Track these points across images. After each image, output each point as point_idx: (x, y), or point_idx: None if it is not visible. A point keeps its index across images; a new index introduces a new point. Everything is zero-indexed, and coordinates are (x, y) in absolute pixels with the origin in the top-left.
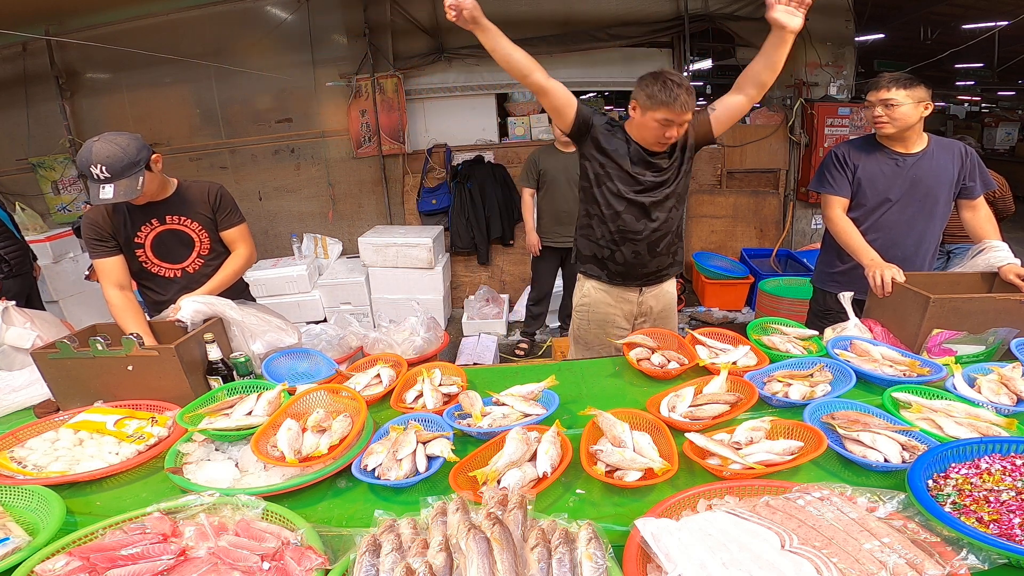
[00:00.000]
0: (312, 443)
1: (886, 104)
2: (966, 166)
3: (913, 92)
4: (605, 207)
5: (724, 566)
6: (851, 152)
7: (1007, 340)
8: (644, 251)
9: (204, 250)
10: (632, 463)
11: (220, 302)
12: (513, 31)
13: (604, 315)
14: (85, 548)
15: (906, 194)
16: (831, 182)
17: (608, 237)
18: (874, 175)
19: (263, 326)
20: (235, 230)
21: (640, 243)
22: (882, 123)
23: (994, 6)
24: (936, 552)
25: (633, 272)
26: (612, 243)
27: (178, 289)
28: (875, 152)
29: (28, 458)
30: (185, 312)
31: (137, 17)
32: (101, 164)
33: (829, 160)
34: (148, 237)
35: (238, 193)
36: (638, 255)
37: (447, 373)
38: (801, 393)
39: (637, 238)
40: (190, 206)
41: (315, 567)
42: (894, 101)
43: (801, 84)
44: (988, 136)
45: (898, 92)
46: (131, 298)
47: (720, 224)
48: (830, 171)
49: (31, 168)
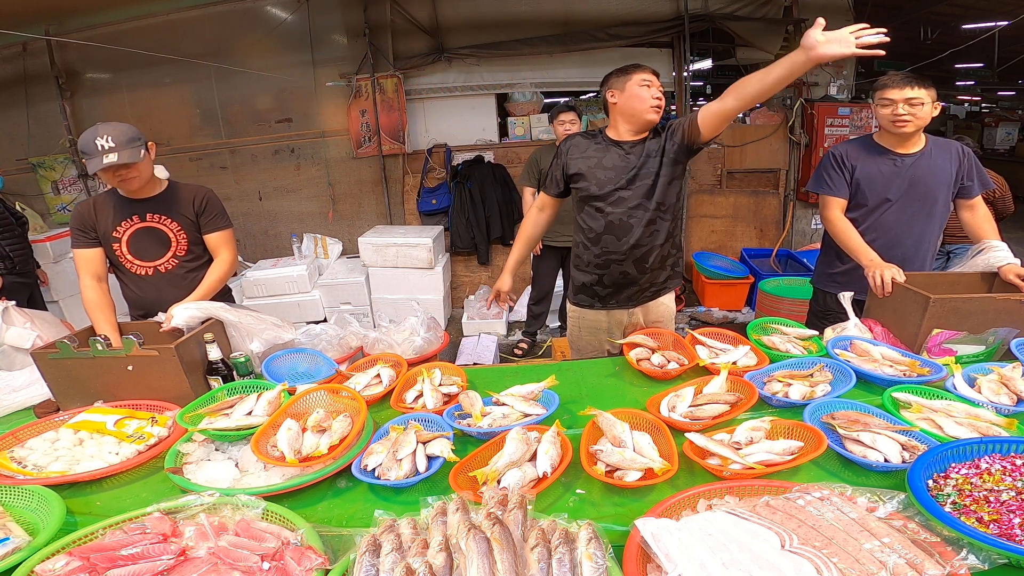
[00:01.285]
0: (312, 443)
1: (911, 103)
2: (964, 165)
3: (930, 91)
4: (587, 231)
5: (724, 566)
6: (849, 152)
7: (1007, 340)
8: (632, 269)
9: (181, 251)
10: (632, 463)
11: (213, 306)
12: (513, 31)
13: (594, 322)
14: (85, 548)
15: (905, 194)
16: (829, 183)
17: (593, 261)
18: (872, 175)
19: (259, 324)
20: (218, 235)
21: (625, 262)
22: (904, 121)
23: (994, 6)
24: (936, 552)
25: (622, 293)
26: (598, 267)
27: (150, 287)
28: (873, 152)
29: (28, 458)
30: (178, 320)
31: (137, 17)
32: (106, 135)
33: (827, 161)
34: (126, 233)
35: (238, 193)
36: (625, 275)
37: (447, 373)
38: (801, 393)
39: (620, 257)
40: (173, 206)
41: (315, 567)
42: (919, 99)
43: (801, 84)
44: (988, 136)
45: (920, 91)
46: (104, 292)
47: (720, 224)
48: (828, 172)
49: (31, 168)
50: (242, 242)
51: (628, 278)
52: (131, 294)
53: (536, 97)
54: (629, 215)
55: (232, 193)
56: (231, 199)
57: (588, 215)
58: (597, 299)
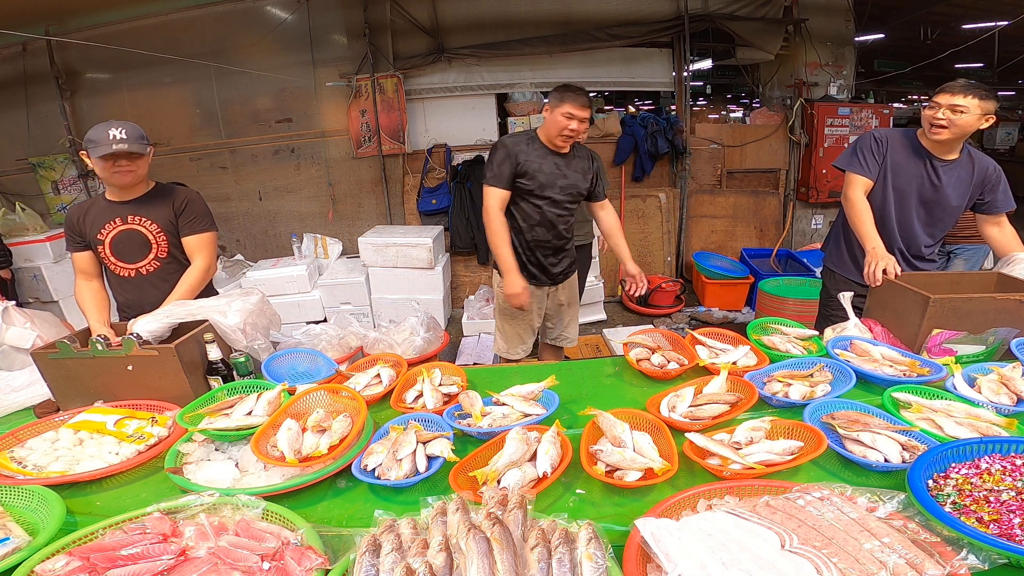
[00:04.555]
0: (312, 443)
1: (954, 109)
2: (990, 180)
3: (985, 104)
4: (522, 219)
5: (724, 566)
6: (890, 140)
7: (1007, 340)
8: (551, 255)
9: (162, 253)
10: (632, 463)
11: (167, 311)
12: (513, 31)
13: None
14: (85, 548)
15: (924, 197)
16: (861, 162)
17: (524, 245)
18: (900, 166)
19: (222, 300)
20: (196, 238)
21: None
22: (940, 127)
23: (994, 6)
24: (936, 552)
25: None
26: (528, 250)
27: (134, 289)
28: (911, 147)
29: (28, 458)
30: (139, 331)
31: (137, 17)
32: (120, 128)
33: (866, 141)
34: (109, 235)
35: (238, 193)
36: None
37: (447, 373)
38: (801, 393)
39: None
40: (154, 207)
41: (315, 567)
42: (964, 108)
43: (801, 84)
44: (988, 136)
45: (971, 100)
46: (95, 289)
47: (720, 224)
48: (863, 152)
49: (31, 168)
50: (242, 242)
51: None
52: (118, 295)
53: (536, 97)
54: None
55: (232, 193)
56: (231, 199)
57: (525, 204)
58: (526, 274)
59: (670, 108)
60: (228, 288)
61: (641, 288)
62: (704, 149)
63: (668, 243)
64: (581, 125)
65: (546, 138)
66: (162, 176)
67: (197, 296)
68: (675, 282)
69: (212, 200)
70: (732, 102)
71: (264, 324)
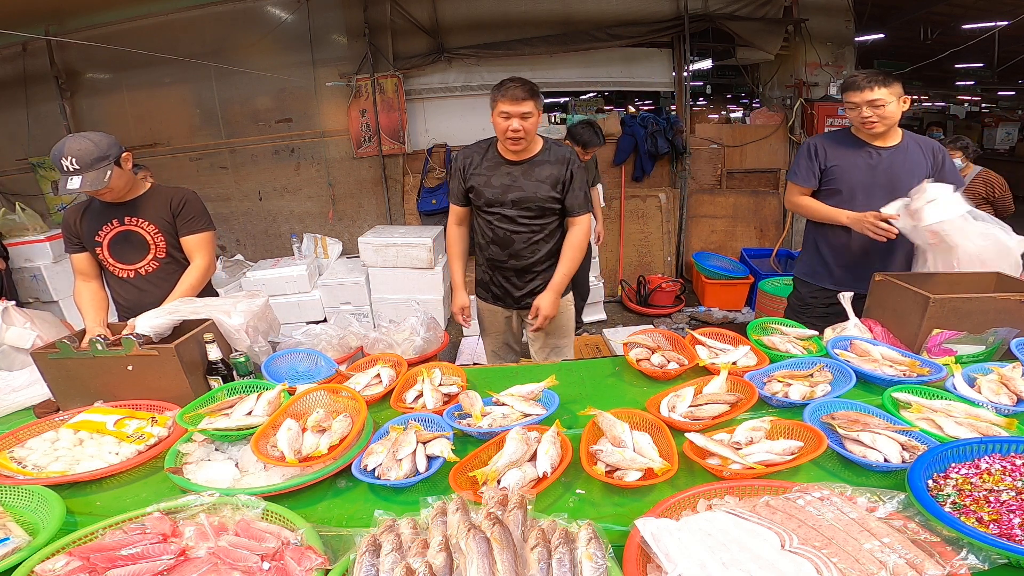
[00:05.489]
0: (312, 443)
1: (873, 105)
2: (938, 162)
3: (892, 88)
4: (480, 236)
5: (724, 566)
6: (824, 144)
7: (1007, 340)
8: (514, 276)
9: (160, 253)
10: (632, 463)
11: (172, 307)
12: (513, 31)
13: (492, 313)
14: (85, 548)
15: (880, 188)
16: (797, 171)
17: (485, 264)
18: (849, 167)
19: (227, 300)
20: (194, 238)
21: (507, 270)
22: (872, 124)
23: (994, 6)
24: (936, 552)
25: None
26: (489, 269)
27: (133, 290)
28: (850, 145)
29: (28, 458)
30: (140, 329)
31: (137, 17)
32: (71, 156)
33: (802, 151)
34: (107, 237)
35: (238, 193)
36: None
37: (447, 373)
38: (801, 393)
39: (505, 265)
40: (151, 209)
41: (315, 567)
42: (880, 100)
43: (801, 84)
44: (988, 136)
45: (881, 91)
46: (93, 289)
47: (720, 224)
48: (798, 162)
49: (31, 168)
50: (242, 242)
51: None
52: (117, 297)
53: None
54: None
55: (232, 193)
56: (231, 199)
57: (482, 217)
58: (490, 295)
59: (670, 108)
60: (228, 288)
61: (542, 321)
62: (704, 149)
63: (668, 243)
64: (524, 122)
65: (500, 145)
66: (162, 176)
67: (197, 296)
68: (675, 282)
69: (212, 200)
70: (732, 102)
71: (264, 328)
